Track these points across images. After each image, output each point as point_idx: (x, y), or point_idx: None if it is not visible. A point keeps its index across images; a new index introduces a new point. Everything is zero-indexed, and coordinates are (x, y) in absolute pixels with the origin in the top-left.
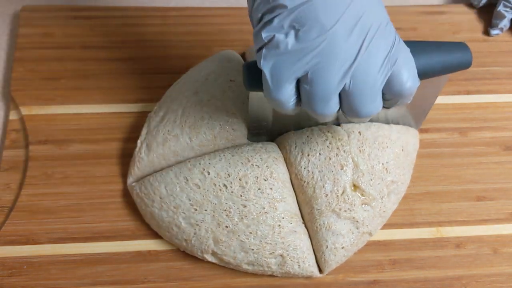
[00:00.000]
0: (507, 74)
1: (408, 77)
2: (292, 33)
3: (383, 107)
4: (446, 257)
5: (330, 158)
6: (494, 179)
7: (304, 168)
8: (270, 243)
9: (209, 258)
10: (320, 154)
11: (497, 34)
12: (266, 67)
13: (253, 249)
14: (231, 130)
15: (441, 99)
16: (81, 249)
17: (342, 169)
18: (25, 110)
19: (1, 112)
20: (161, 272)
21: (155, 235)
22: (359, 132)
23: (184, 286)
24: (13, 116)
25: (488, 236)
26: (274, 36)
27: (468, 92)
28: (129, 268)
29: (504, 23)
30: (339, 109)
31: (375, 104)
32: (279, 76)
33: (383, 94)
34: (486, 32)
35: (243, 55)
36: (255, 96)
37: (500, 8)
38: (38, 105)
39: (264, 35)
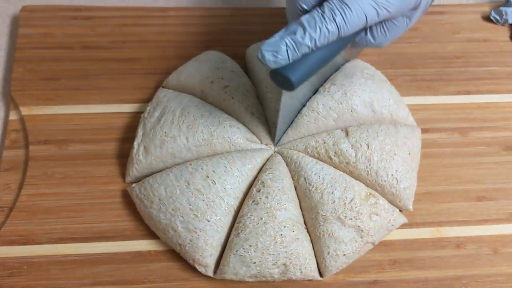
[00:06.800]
0: (507, 74)
1: None
2: None
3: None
4: (446, 257)
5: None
6: (494, 179)
7: (315, 174)
8: (273, 254)
9: (201, 269)
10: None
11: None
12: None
13: (255, 262)
14: (228, 127)
15: (441, 99)
16: (81, 249)
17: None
18: (25, 110)
19: (1, 112)
20: (161, 272)
21: (155, 235)
22: (367, 144)
23: (184, 286)
24: (13, 116)
25: (488, 236)
26: None
27: (468, 92)
28: (129, 268)
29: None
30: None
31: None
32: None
33: None
34: (486, 33)
35: (243, 55)
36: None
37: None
38: (38, 105)
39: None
